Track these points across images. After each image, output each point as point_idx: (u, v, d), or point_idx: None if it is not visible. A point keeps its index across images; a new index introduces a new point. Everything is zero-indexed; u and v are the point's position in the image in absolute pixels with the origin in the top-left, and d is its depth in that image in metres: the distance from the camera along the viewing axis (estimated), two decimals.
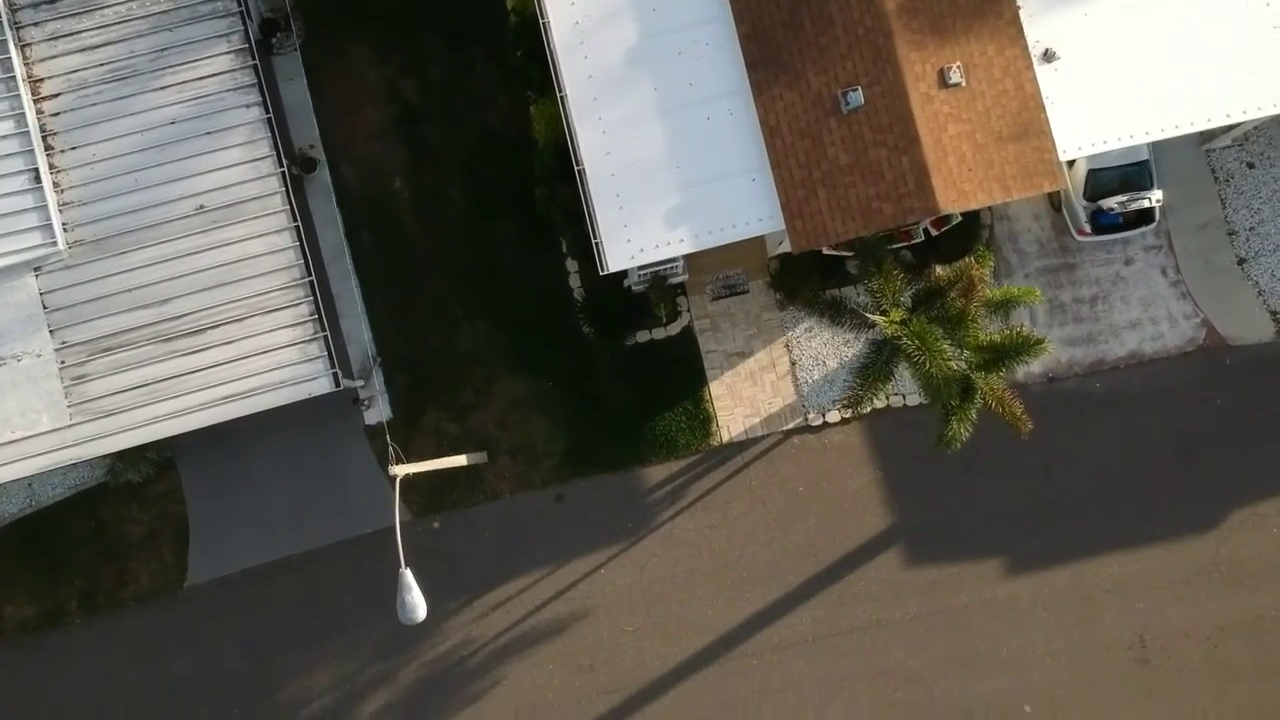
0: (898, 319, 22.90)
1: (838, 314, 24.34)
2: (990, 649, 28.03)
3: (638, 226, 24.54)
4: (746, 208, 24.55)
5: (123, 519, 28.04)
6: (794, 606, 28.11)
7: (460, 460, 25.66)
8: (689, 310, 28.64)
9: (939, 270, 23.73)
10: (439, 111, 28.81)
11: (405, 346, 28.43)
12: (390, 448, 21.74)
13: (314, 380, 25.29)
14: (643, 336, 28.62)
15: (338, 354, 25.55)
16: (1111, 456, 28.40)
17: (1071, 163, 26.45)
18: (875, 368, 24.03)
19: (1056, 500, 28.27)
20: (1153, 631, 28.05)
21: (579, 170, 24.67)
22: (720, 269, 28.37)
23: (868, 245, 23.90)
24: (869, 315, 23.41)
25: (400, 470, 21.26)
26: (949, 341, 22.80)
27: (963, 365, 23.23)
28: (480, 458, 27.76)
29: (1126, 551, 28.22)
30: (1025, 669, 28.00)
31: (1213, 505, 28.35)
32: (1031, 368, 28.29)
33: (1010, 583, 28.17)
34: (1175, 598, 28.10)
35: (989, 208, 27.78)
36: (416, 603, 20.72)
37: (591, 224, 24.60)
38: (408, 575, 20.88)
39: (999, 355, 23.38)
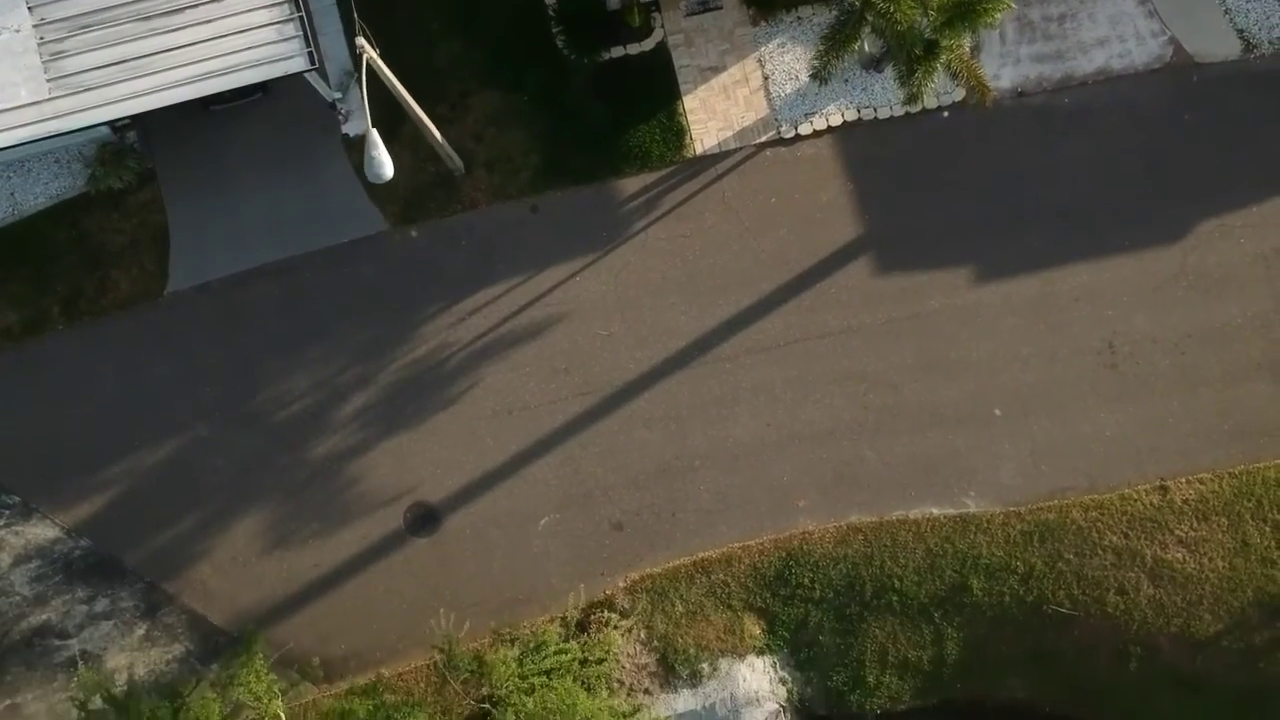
0: None
1: None
2: (960, 354, 28.41)
3: None
4: None
5: (104, 228, 28.38)
6: (766, 313, 28.49)
7: (436, 135, 26.02)
8: (663, 26, 29.01)
9: None
10: None
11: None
12: (359, 26, 21.98)
13: (290, 59, 25.65)
14: (617, 52, 28.99)
15: (319, 67, 25.94)
16: (1080, 170, 28.76)
17: None
18: (843, 29, 24.39)
19: (1025, 212, 28.64)
20: (1121, 338, 28.43)
21: None
22: None
23: None
24: None
25: (369, 52, 21.43)
26: None
27: (928, 19, 23.61)
28: (458, 165, 28.13)
29: (1095, 261, 28.58)
30: (994, 373, 28.39)
31: (1180, 217, 28.73)
32: (1001, 82, 28.73)
33: (980, 290, 28.55)
34: (1143, 305, 28.48)
35: None
36: (383, 160, 21.11)
37: None
38: (374, 134, 21.24)
39: (961, 11, 23.75)
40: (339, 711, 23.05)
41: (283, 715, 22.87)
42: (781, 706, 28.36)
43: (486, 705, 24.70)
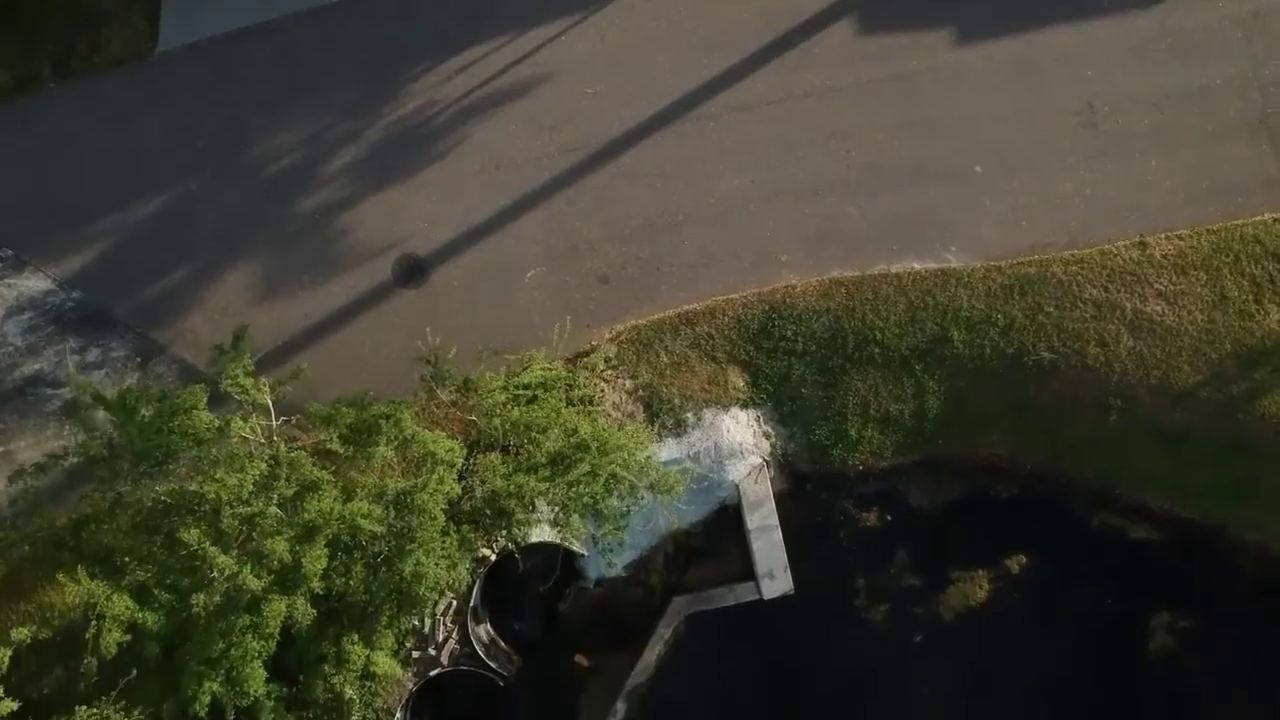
0: None
1: None
2: (941, 113, 28.72)
3: None
4: None
5: None
6: (750, 72, 28.81)
7: None
8: None
9: None
10: None
11: None
12: None
13: None
14: None
15: None
16: None
17: None
18: None
19: None
20: (1101, 98, 28.73)
21: None
22: None
23: None
24: None
25: None
26: None
27: None
28: None
29: (1075, 22, 28.82)
30: (976, 132, 28.69)
31: None
32: None
33: (961, 50, 28.86)
34: (1123, 66, 28.78)
35: None
36: None
37: None
38: None
39: None
40: (325, 415, 23.31)
41: (270, 405, 23.12)
42: (765, 461, 28.68)
43: (473, 418, 25.00)
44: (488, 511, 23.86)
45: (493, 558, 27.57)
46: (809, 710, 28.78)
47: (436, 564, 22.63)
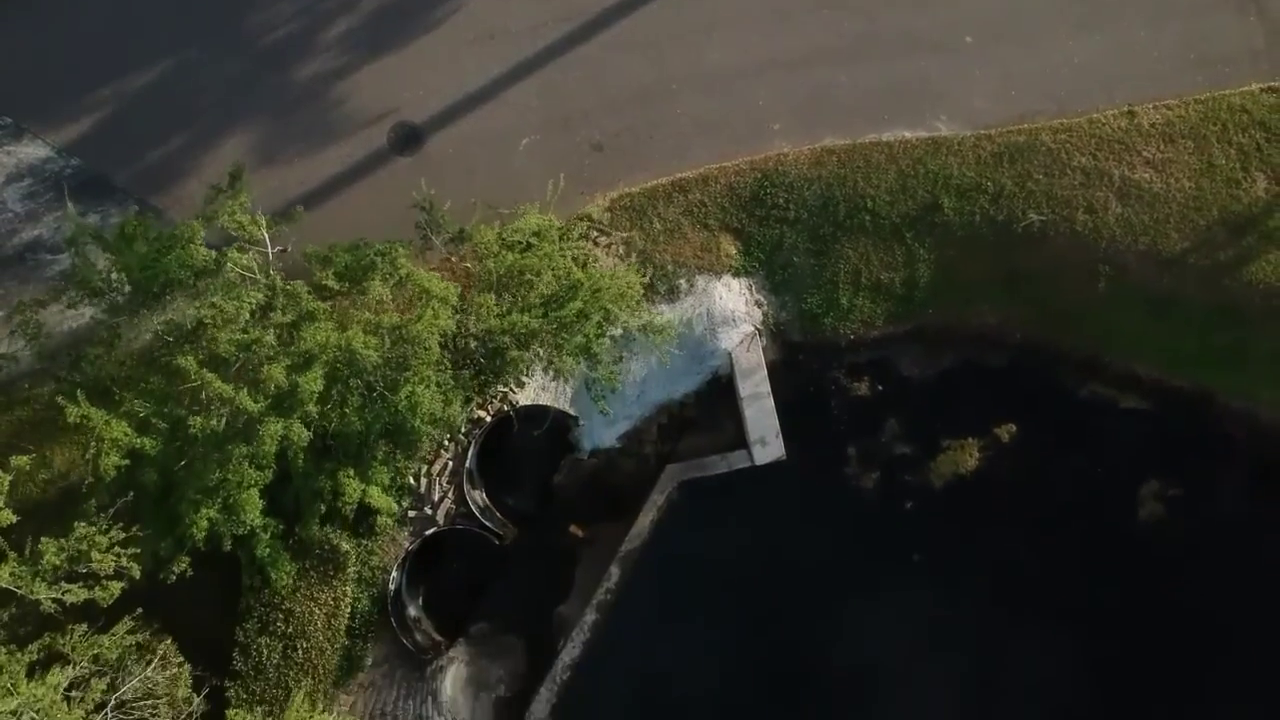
0: None
1: None
2: None
3: None
4: None
5: None
6: None
7: None
8: None
9: None
10: None
11: None
12: None
13: None
14: None
15: None
16: None
17: None
18: None
19: None
20: None
21: None
22: None
23: None
24: None
25: None
26: None
27: None
28: None
29: None
30: (966, 2, 29.02)
31: None
32: None
33: None
34: None
35: None
36: None
37: None
38: None
39: None
40: (322, 255, 23.59)
41: (267, 241, 23.38)
42: (757, 329, 28.95)
43: (468, 265, 25.27)
44: (482, 352, 24.09)
45: (488, 419, 27.92)
46: (800, 574, 29.05)
47: (431, 396, 22.88)
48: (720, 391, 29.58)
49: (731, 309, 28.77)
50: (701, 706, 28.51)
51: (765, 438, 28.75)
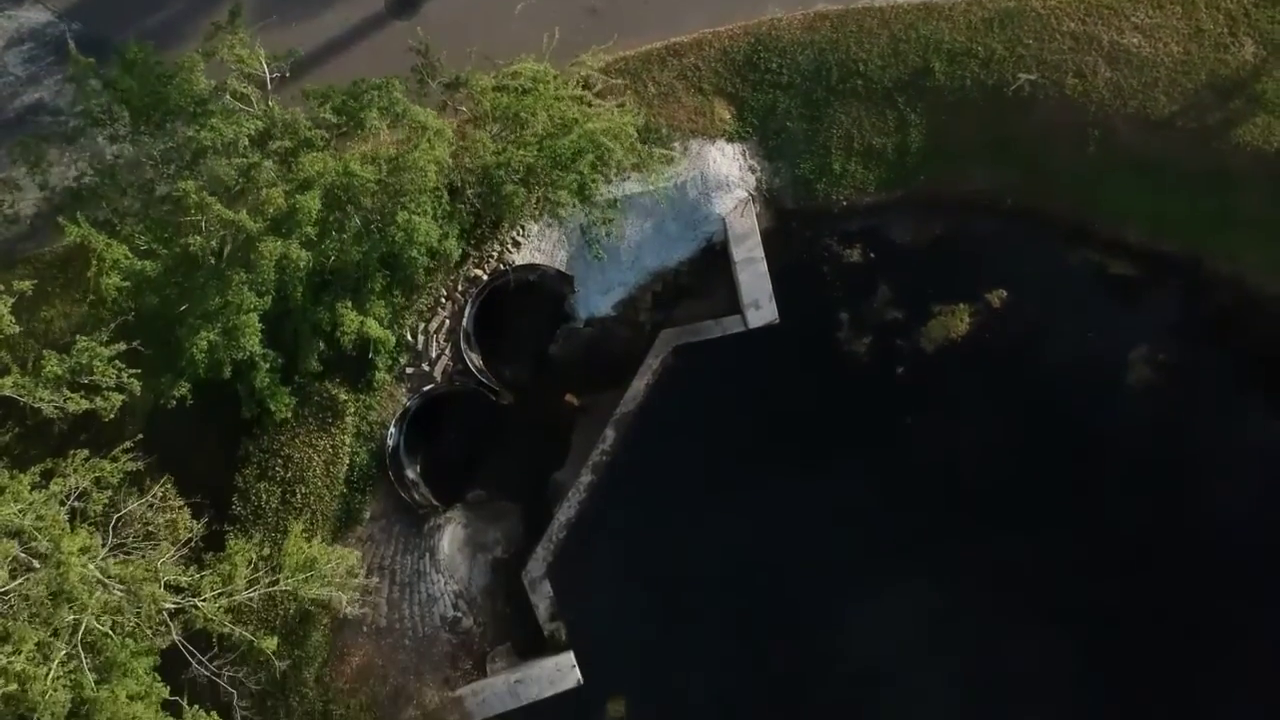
0: None
1: None
2: None
3: None
4: None
5: None
6: None
7: None
8: None
9: None
10: None
11: None
12: None
13: None
14: None
15: None
16: None
17: None
18: None
19: None
20: None
21: None
22: None
23: None
24: None
25: None
26: None
27: None
28: None
29: None
30: None
31: None
32: None
33: None
34: None
35: None
36: None
37: None
38: None
39: None
40: (320, 92, 23.89)
41: (265, 68, 23.66)
42: (750, 195, 29.29)
43: (464, 108, 25.56)
44: (478, 195, 24.41)
45: (485, 277, 28.22)
46: (792, 437, 29.38)
47: (428, 226, 23.18)
48: (714, 260, 29.89)
49: (725, 174, 29.10)
50: (696, 562, 28.83)
51: (759, 301, 29.08)
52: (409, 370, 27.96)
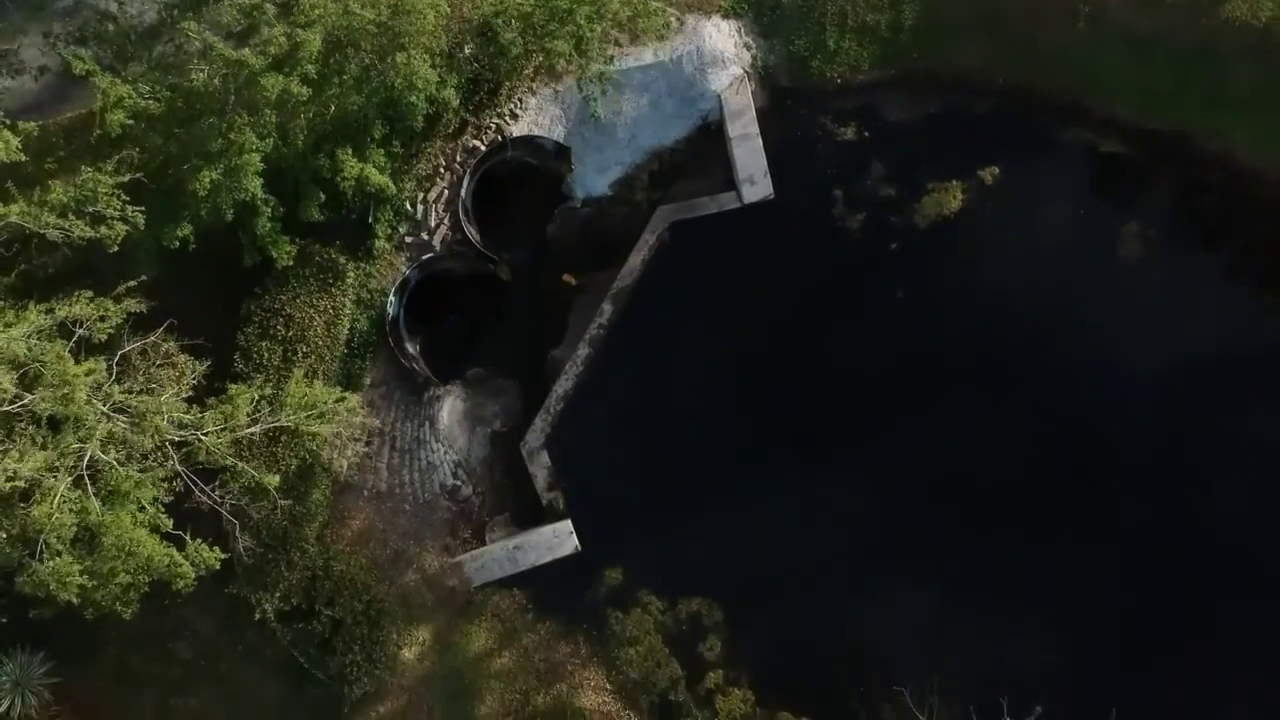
0: None
1: None
2: None
3: None
4: None
5: None
6: None
7: None
8: None
9: None
10: None
11: None
12: None
13: None
14: None
15: None
16: None
17: None
18: None
19: None
20: None
21: None
22: None
23: None
24: None
25: None
26: None
27: None
28: None
29: None
30: None
31: None
32: None
33: None
34: None
35: None
36: None
37: None
38: None
39: None
40: None
41: None
42: (746, 72, 29.64)
43: None
44: (476, 54, 24.74)
45: (483, 148, 28.56)
46: (786, 310, 29.71)
47: (427, 72, 23.51)
48: (711, 139, 30.23)
49: (720, 50, 29.46)
50: (688, 432, 29.18)
51: (754, 176, 29.45)
52: (408, 239, 28.31)
